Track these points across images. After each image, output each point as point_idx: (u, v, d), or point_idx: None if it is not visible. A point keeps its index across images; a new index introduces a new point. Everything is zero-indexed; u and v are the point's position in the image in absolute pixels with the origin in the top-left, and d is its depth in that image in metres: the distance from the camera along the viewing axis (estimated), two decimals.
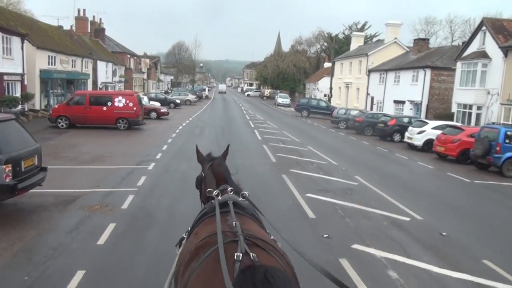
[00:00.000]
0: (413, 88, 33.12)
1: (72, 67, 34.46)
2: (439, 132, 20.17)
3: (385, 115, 27.92)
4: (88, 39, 46.61)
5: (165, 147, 17.92)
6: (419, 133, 21.36)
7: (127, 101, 23.85)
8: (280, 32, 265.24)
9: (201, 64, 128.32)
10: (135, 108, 23.91)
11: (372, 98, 41.13)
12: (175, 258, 3.00)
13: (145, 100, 34.43)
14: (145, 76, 65.44)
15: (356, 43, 51.21)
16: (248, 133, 24.73)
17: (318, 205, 9.89)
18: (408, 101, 33.65)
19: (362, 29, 78.76)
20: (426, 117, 30.29)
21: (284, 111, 50.81)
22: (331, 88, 53.25)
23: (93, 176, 11.97)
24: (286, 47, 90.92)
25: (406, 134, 22.44)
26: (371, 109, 40.69)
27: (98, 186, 10.89)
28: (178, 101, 45.77)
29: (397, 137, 24.87)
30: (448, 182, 14.53)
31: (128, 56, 54.69)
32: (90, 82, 38.94)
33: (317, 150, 18.95)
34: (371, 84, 41.53)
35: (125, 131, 23.12)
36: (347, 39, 78.85)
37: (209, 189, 3.18)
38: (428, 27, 74.18)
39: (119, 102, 23.79)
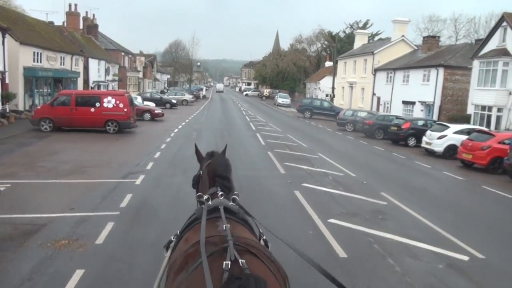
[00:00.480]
0: (424, 88, 31.13)
1: (61, 64, 32.27)
2: (462, 137, 18.18)
3: (397, 117, 25.88)
4: (80, 35, 44.38)
5: (157, 154, 15.83)
6: (440, 138, 19.34)
7: (117, 102, 21.71)
8: (279, 31, 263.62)
9: (199, 63, 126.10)
10: (125, 110, 21.79)
11: (379, 99, 39.13)
12: (164, 261, 2.93)
13: (138, 100, 32.31)
14: (140, 75, 63.24)
15: (360, 41, 49.20)
16: (249, 137, 22.65)
17: (347, 236, 7.82)
18: (419, 102, 31.66)
19: (364, 27, 76.75)
20: (439, 119, 28.33)
21: (285, 111, 48.76)
22: (333, 88, 51.26)
23: (68, 194, 9.89)
24: (285, 46, 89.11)
25: (424, 138, 20.41)
26: (377, 110, 38.70)
27: (72, 209, 8.81)
28: (174, 101, 43.64)
29: (412, 141, 22.86)
30: (491, 199, 12.45)
31: (123, 54, 52.48)
32: (80, 81, 36.75)
33: (328, 158, 16.89)
34: (377, 83, 39.54)
35: (115, 135, 21.00)
36: (349, 38, 77.00)
37: (198, 194, 3.18)
38: (432, 26, 72.23)
39: (108, 103, 21.65)
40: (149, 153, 15.92)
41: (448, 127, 19.63)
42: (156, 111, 29.74)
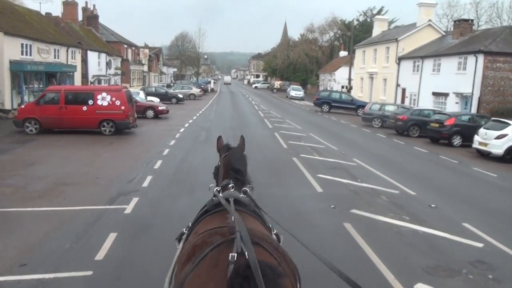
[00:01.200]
0: (459, 77, 27.67)
1: (55, 57, 29.32)
2: None
3: (437, 112, 22.52)
4: (79, 27, 41.40)
5: (158, 163, 12.79)
6: (498, 137, 16.02)
7: (113, 99, 18.67)
8: (287, 22, 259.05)
9: (206, 56, 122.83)
10: (123, 107, 18.75)
11: (404, 90, 35.69)
12: (176, 253, 2.85)
13: (140, 95, 29.30)
14: (145, 68, 60.20)
15: (379, 28, 45.58)
16: (267, 138, 19.51)
17: None
18: (453, 93, 28.20)
19: (378, 14, 73.04)
20: (478, 112, 24.93)
21: (299, 105, 45.46)
22: (350, 79, 47.81)
23: (26, 235, 6.90)
24: (294, 36, 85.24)
25: (477, 138, 17.10)
26: (402, 102, 35.27)
27: (23, 266, 5.83)
28: (180, 96, 40.56)
29: (457, 140, 19.54)
30: None
31: (125, 46, 49.44)
32: (78, 75, 33.80)
33: (369, 166, 13.72)
34: (402, 73, 36.07)
35: (110, 137, 17.99)
36: (363, 26, 73.19)
37: (211, 185, 3.26)
38: (451, 11, 68.18)
39: (103, 100, 18.62)
40: (148, 162, 12.89)
41: (508, 124, 16.26)
42: (160, 108, 26.68)
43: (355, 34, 70.35)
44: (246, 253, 2.05)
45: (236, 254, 2.06)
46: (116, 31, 51.48)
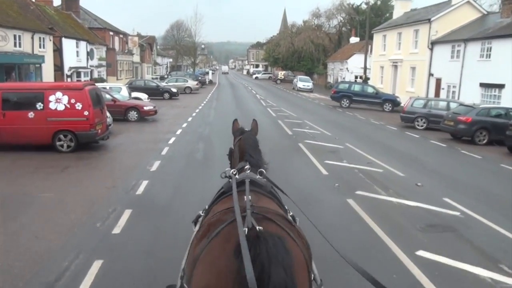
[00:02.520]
0: None
1: (16, 46, 23.59)
2: None
3: None
4: (54, 11, 35.52)
5: (126, 215, 7.33)
6: None
7: (72, 101, 13.10)
8: (286, 9, 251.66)
9: (203, 46, 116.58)
10: (86, 113, 13.18)
11: (438, 81, 30.06)
12: (192, 235, 2.78)
13: (122, 92, 23.67)
14: (135, 59, 54.30)
15: (401, 9, 39.68)
16: (292, 152, 13.95)
17: None
18: None
19: None
20: None
21: (310, 98, 39.79)
22: (365, 68, 42.07)
23: None
24: (297, 22, 78.76)
25: None
26: (437, 95, 29.70)
27: None
28: (174, 90, 34.85)
29: None
30: None
31: (111, 33, 43.53)
32: (49, 67, 28.09)
33: (472, 210, 8.18)
34: (435, 61, 30.41)
35: (68, 157, 12.47)
36: (372, 10, 67.25)
37: (227, 169, 3.26)
38: None
39: (58, 102, 13.07)
40: (107, 217, 7.35)
41: None
42: (146, 108, 21.02)
43: (363, 20, 64.71)
44: (258, 228, 2.11)
45: (247, 229, 2.09)
46: (112, 21, 45.58)
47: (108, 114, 16.97)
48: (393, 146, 16.22)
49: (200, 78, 53.20)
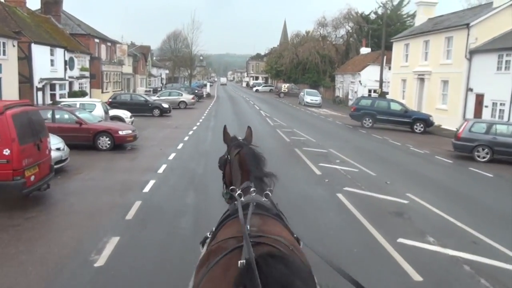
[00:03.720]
0: None
1: None
2: None
3: None
4: (28, 13, 30.70)
5: None
6: None
7: None
8: (287, 19, 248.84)
9: (202, 57, 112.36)
10: (7, 152, 8.23)
11: (480, 97, 25.24)
12: (199, 257, 2.71)
13: (96, 110, 18.77)
14: (127, 70, 49.48)
15: (424, 14, 35.01)
16: (333, 214, 8.94)
17: None
18: None
19: (399, 5, 63.10)
20: None
21: (322, 115, 34.90)
22: (381, 81, 37.33)
23: None
24: (301, 31, 74.07)
25: None
26: (477, 113, 24.87)
27: None
28: (165, 106, 29.88)
29: None
30: None
31: (96, 41, 38.67)
32: (13, 79, 23.14)
33: None
34: (475, 73, 25.63)
35: None
36: (381, 19, 62.87)
37: (232, 187, 3.15)
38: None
39: None
40: None
41: None
42: (122, 132, 15.92)
43: (373, 29, 60.25)
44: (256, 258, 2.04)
45: (244, 261, 2.02)
46: (108, 32, 40.80)
47: (61, 145, 12.02)
48: (474, 196, 11.20)
49: (196, 91, 48.27)
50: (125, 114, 21.93)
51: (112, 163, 13.54)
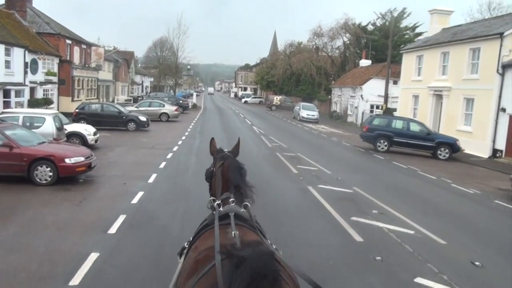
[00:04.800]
0: None
1: None
2: None
3: None
4: None
5: None
6: None
7: None
8: (277, 30, 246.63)
9: (189, 66, 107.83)
10: None
11: None
12: (177, 267, 2.99)
13: (44, 126, 14.30)
14: (104, 76, 44.78)
15: (439, 24, 31.35)
16: None
17: None
18: None
19: (400, 18, 59.89)
20: None
21: (323, 133, 30.73)
22: (386, 96, 33.57)
23: None
24: (295, 40, 70.22)
25: None
26: (511, 138, 21.01)
27: None
28: (143, 119, 25.35)
29: None
30: None
31: (68, 42, 33.99)
32: None
33: None
34: (508, 90, 21.82)
35: None
36: (381, 31, 59.59)
37: (211, 198, 3.22)
38: (494, 14, 55.03)
39: None
40: None
41: None
42: (69, 160, 11.29)
43: (374, 40, 56.79)
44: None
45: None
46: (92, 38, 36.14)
47: None
48: None
49: (181, 101, 43.71)
50: (87, 130, 17.37)
51: (42, 211, 9.02)
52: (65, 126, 16.74)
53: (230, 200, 2.94)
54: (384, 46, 60.62)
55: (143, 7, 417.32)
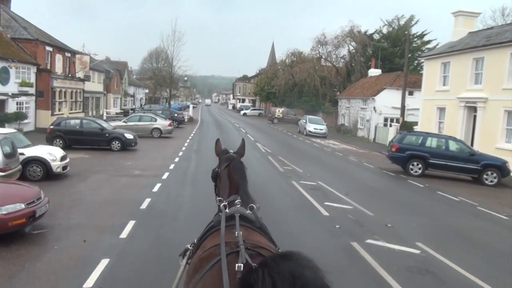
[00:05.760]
0: None
1: None
2: None
3: None
4: None
5: None
6: None
7: None
8: (275, 40, 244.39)
9: (186, 78, 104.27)
10: None
11: None
12: (179, 269, 2.99)
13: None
14: (94, 87, 41.07)
15: (464, 27, 27.88)
16: None
17: None
18: None
19: (407, 25, 56.71)
20: None
21: (337, 151, 27.02)
22: (403, 109, 29.98)
23: None
24: (299, 48, 66.91)
25: None
26: None
27: None
28: (129, 136, 21.58)
29: None
30: None
31: (49, 49, 30.33)
32: None
33: None
34: None
35: None
36: (387, 39, 56.46)
37: (219, 198, 3.18)
38: (508, 20, 51.98)
39: None
40: None
41: None
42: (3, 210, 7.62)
43: (383, 48, 53.48)
44: (253, 264, 2.05)
45: (242, 265, 2.10)
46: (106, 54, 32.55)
47: None
48: None
49: (176, 115, 39.91)
50: (52, 154, 13.57)
51: None
52: (23, 150, 13.01)
53: (236, 201, 2.94)
54: (392, 54, 57.37)
55: (140, 20, 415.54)
